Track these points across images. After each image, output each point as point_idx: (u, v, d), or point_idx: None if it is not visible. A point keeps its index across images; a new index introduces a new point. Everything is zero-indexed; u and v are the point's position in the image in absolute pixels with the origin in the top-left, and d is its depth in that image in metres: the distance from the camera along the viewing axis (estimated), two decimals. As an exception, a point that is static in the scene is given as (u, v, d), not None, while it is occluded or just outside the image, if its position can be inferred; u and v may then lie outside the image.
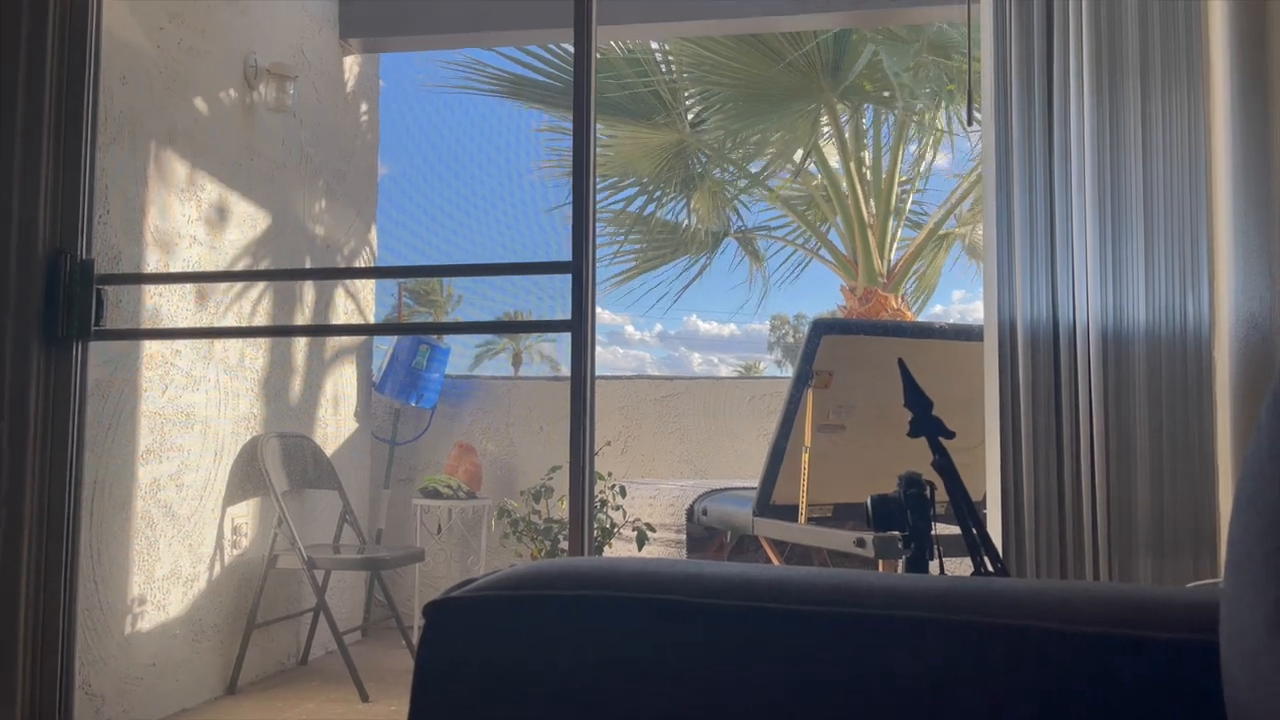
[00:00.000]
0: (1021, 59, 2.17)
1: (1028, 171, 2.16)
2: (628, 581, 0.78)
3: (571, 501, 2.17)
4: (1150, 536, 1.96)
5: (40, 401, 2.25)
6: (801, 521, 2.83)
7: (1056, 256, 2.14)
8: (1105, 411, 2.01)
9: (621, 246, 5.69)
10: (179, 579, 3.11)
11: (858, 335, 2.97)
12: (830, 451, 2.83)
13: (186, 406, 3.14)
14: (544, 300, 3.84)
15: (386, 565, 3.76)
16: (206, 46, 3.23)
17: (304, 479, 3.69)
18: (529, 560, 3.77)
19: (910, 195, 5.73)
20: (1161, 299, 2.04)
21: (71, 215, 2.31)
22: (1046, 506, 2.03)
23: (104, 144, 2.71)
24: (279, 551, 3.46)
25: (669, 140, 5.38)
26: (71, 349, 2.29)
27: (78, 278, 2.30)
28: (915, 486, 1.69)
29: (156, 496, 3.00)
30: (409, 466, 4.48)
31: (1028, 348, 2.10)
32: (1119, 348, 2.04)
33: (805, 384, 2.79)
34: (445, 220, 8.31)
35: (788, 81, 4.96)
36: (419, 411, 4.46)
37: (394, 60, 4.74)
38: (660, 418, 4.51)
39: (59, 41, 2.31)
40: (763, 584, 0.79)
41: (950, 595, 0.79)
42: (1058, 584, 0.83)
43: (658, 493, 3.56)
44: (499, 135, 4.92)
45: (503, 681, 0.77)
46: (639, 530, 3.45)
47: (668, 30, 4.51)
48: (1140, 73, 2.10)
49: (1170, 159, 2.09)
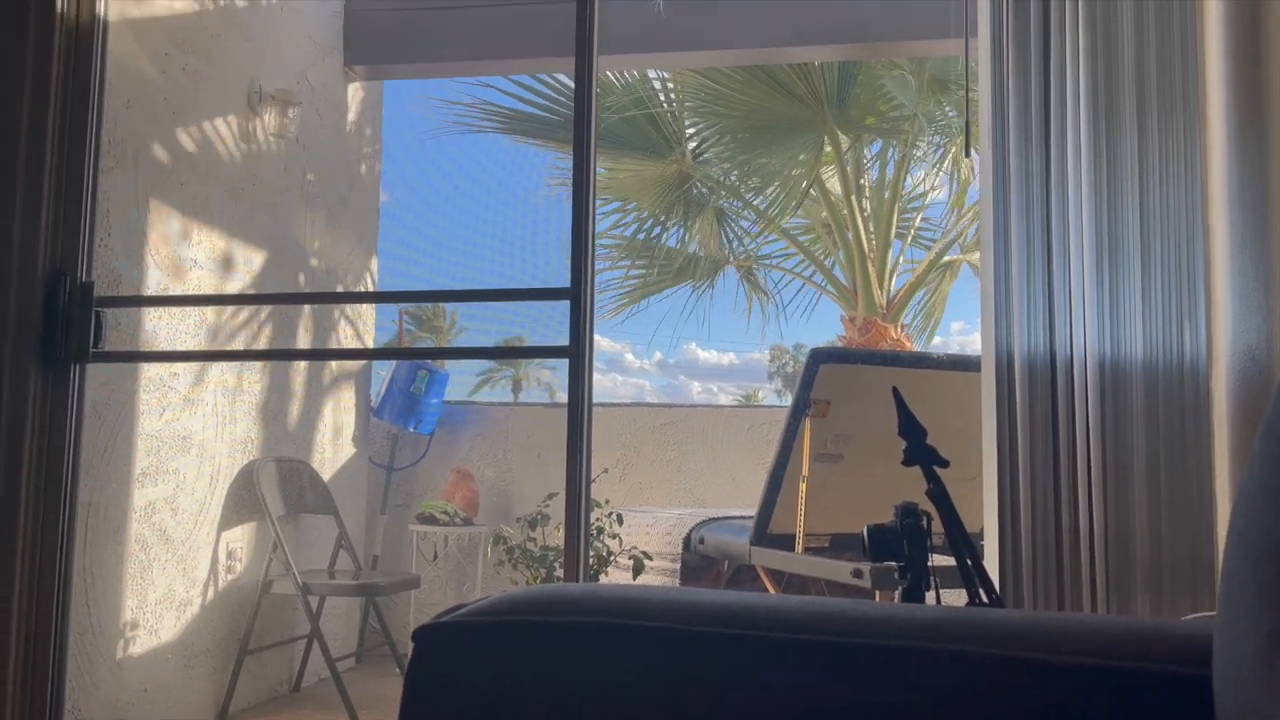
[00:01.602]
0: (1018, 92, 2.19)
1: (1025, 203, 2.17)
2: (618, 608, 0.78)
3: (567, 529, 2.16)
4: (1148, 569, 1.95)
5: (36, 423, 2.25)
6: (799, 551, 2.81)
7: (1054, 288, 2.15)
8: (1103, 443, 2.01)
9: (628, 272, 5.70)
10: (172, 603, 3.08)
11: (856, 364, 2.96)
12: (828, 481, 2.82)
13: (183, 429, 3.13)
14: (543, 327, 3.86)
15: (381, 591, 3.74)
16: (211, 72, 3.26)
17: (300, 504, 3.68)
18: (525, 588, 3.74)
19: (912, 226, 5.75)
20: (1159, 330, 2.05)
21: (72, 238, 2.32)
22: (1044, 538, 2.02)
23: (107, 167, 2.72)
24: (273, 577, 3.44)
25: (670, 172, 5.41)
26: (69, 371, 2.29)
27: (77, 300, 2.30)
28: (912, 516, 1.68)
29: (151, 520, 2.99)
30: (406, 492, 4.47)
31: (1025, 379, 2.10)
32: (1116, 379, 2.04)
33: (803, 413, 2.78)
34: (447, 247, 8.35)
35: (791, 112, 4.99)
36: (417, 437, 4.45)
37: (397, 87, 4.77)
38: (658, 445, 4.49)
39: (64, 66, 2.33)
40: (754, 612, 0.79)
41: (943, 625, 0.78)
42: (1051, 615, 0.82)
43: (655, 521, 3.55)
44: (500, 163, 4.97)
45: (492, 706, 0.76)
46: (635, 558, 3.43)
47: (669, 60, 4.55)
48: (1136, 105, 2.12)
49: (1167, 191, 2.10)
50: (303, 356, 4.04)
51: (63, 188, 2.32)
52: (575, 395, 2.17)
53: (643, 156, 5.35)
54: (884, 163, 5.57)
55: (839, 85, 4.93)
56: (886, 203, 5.45)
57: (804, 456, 2.79)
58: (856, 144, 5.42)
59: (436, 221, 8.08)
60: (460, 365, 10.85)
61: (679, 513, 3.66)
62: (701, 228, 5.69)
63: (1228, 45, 2.05)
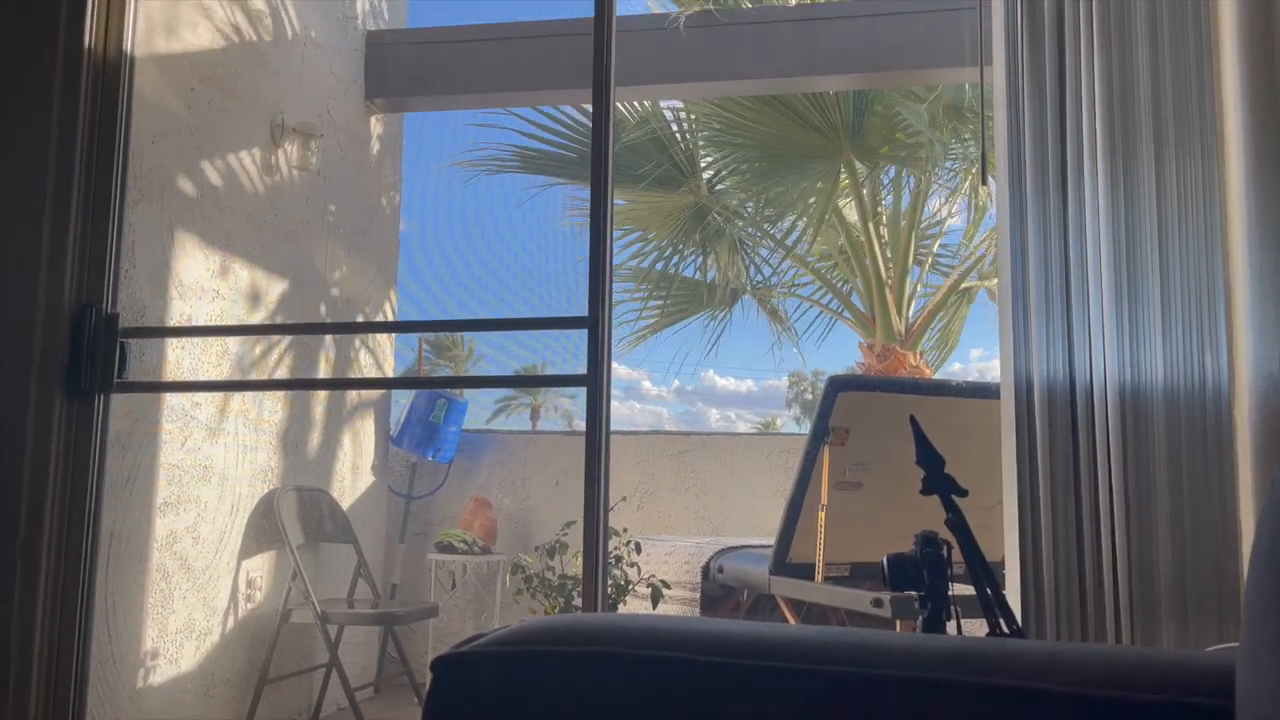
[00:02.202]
0: (1034, 118, 2.19)
1: (1042, 230, 2.17)
2: (635, 638, 0.78)
3: (585, 557, 2.16)
4: (1173, 599, 1.93)
5: (61, 453, 2.28)
6: (818, 580, 2.80)
7: (1073, 315, 2.14)
8: (1124, 471, 1.99)
9: (646, 303, 5.72)
10: (192, 632, 3.09)
11: (874, 392, 2.96)
12: (847, 509, 2.81)
13: (205, 459, 3.15)
14: (562, 355, 3.88)
15: (400, 621, 3.74)
16: (235, 106, 3.31)
17: (320, 532, 3.69)
18: (543, 616, 3.73)
19: (929, 253, 5.75)
20: (1179, 358, 2.03)
21: (98, 270, 2.35)
22: (1065, 567, 2.00)
23: (133, 200, 2.76)
24: (293, 606, 3.45)
25: (686, 202, 5.43)
26: (94, 401, 2.32)
27: (102, 330, 2.33)
28: (932, 545, 1.67)
29: (173, 549, 3.01)
30: (425, 520, 4.47)
31: (1045, 406, 2.09)
32: (1137, 406, 2.03)
33: (821, 441, 2.78)
34: (465, 276, 8.42)
35: (808, 141, 5.02)
36: (436, 466, 4.46)
37: (417, 120, 4.84)
38: (676, 473, 4.49)
39: (91, 102, 2.38)
40: (773, 643, 0.78)
41: (961, 656, 0.78)
42: (1071, 646, 0.82)
43: (673, 549, 3.54)
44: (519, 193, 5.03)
45: (508, 739, 0.76)
46: (654, 587, 3.42)
47: (685, 91, 4.59)
48: (1153, 130, 2.12)
49: (1185, 216, 2.10)
50: (323, 386, 4.07)
51: (89, 221, 2.36)
52: (593, 423, 2.17)
53: (659, 188, 5.38)
54: (898, 191, 5.57)
55: (855, 113, 4.95)
56: (903, 230, 5.45)
57: (823, 485, 2.78)
58: (873, 172, 5.43)
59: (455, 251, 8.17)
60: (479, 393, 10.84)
61: (697, 541, 3.65)
62: (719, 256, 5.70)
63: (1244, 71, 2.05)
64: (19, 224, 2.31)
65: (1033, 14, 2.18)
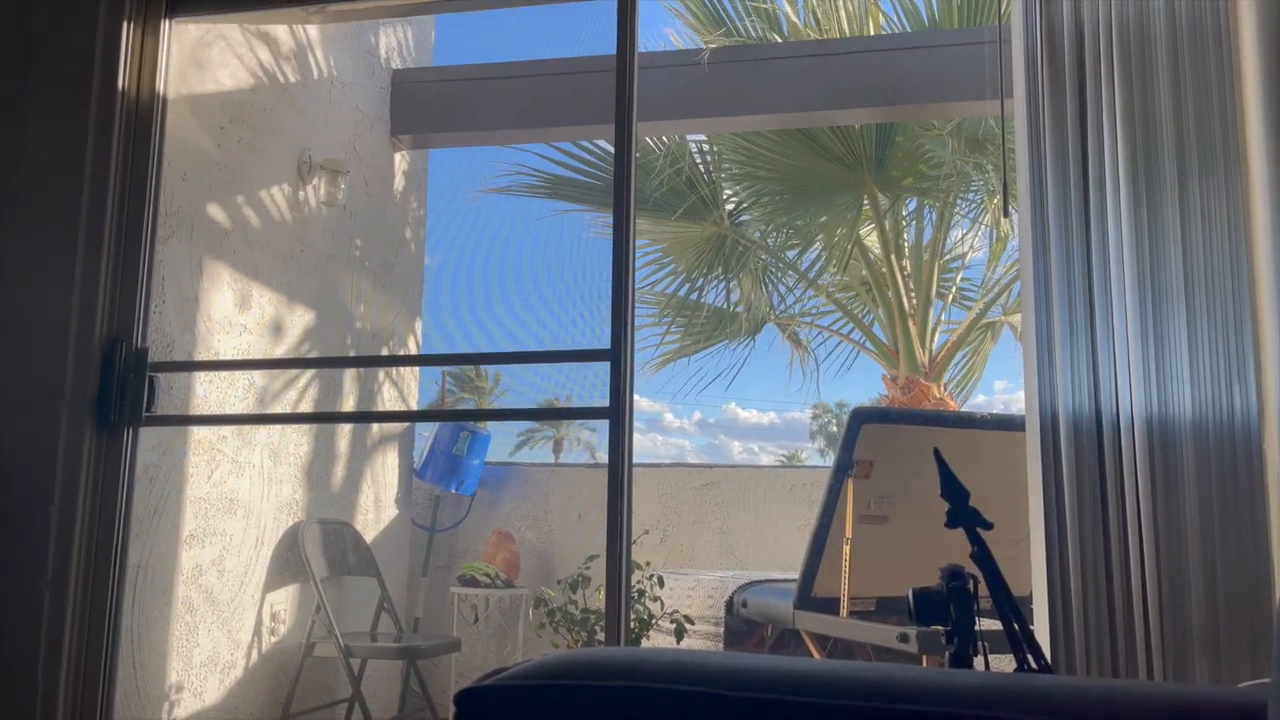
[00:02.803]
0: (1056, 150, 2.19)
1: (1066, 262, 2.16)
2: (658, 673, 0.77)
3: (608, 591, 2.15)
4: (1205, 634, 1.89)
5: (90, 486, 2.30)
6: (843, 615, 2.77)
7: (1098, 347, 2.13)
8: (1154, 504, 1.97)
9: (667, 332, 5.73)
10: (216, 666, 3.10)
11: (898, 424, 2.94)
12: (872, 543, 2.79)
13: (231, 492, 3.18)
14: (584, 387, 3.88)
15: (423, 655, 3.73)
16: (263, 144, 3.37)
17: (343, 566, 3.70)
18: (565, 651, 3.71)
19: (953, 285, 5.73)
20: (1207, 390, 2.01)
21: (129, 305, 2.39)
22: (1095, 602, 1.97)
23: (163, 237, 2.81)
24: (316, 639, 3.45)
25: (709, 233, 5.46)
26: (123, 434, 2.35)
27: (132, 365, 2.37)
28: (958, 580, 1.66)
29: (198, 581, 3.02)
30: (448, 554, 4.47)
31: (1071, 439, 2.07)
32: (1165, 439, 2.00)
33: (845, 474, 2.76)
34: (489, 308, 8.49)
35: (830, 174, 5.04)
36: (459, 498, 4.47)
37: (442, 155, 4.90)
38: (699, 506, 4.47)
39: (125, 142, 2.43)
40: (796, 677, 0.78)
41: (990, 692, 0.77)
42: (1101, 682, 0.81)
43: (696, 583, 3.52)
44: (542, 227, 5.07)
45: (531, 774, 0.76)
46: (677, 622, 3.39)
47: (708, 125, 4.62)
48: (1176, 161, 2.11)
49: (1210, 248, 2.09)
50: (347, 419, 4.09)
51: (121, 257, 2.40)
52: (615, 456, 2.18)
53: (683, 219, 5.41)
54: (920, 222, 5.57)
55: (877, 145, 4.97)
56: (926, 262, 5.44)
57: (847, 518, 2.76)
58: (896, 204, 5.44)
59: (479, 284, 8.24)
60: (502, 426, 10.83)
61: (721, 575, 3.62)
62: (741, 286, 5.71)
63: (1267, 101, 2.04)
64: (53, 260, 2.35)
65: (1053, 45, 2.19)
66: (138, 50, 2.47)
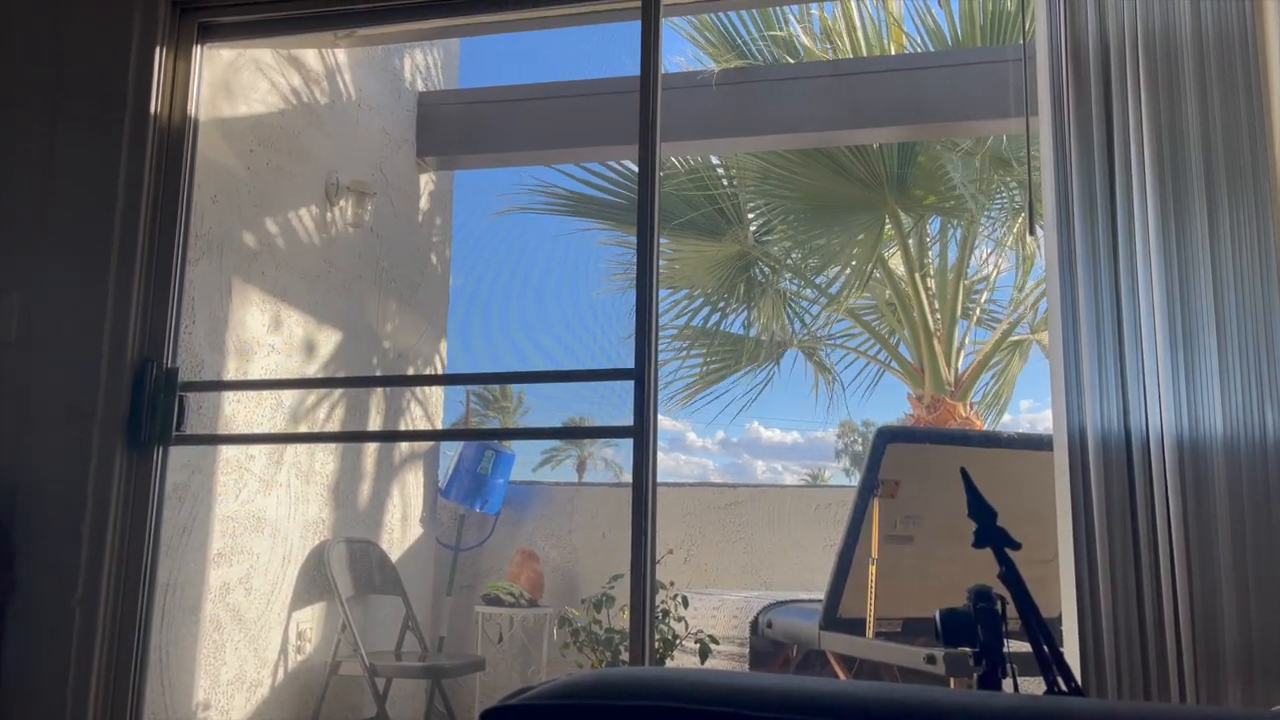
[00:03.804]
0: (1082, 167, 2.18)
1: (1093, 281, 2.15)
2: (684, 692, 0.77)
3: (632, 611, 2.14)
4: (1239, 657, 1.86)
5: (121, 504, 2.33)
6: (869, 636, 2.75)
7: (1126, 366, 2.11)
8: (1185, 525, 1.94)
9: (684, 361, 5.73)
10: (243, 684, 3.12)
11: (924, 444, 2.92)
12: (899, 563, 2.76)
13: (258, 510, 3.20)
14: (608, 406, 3.89)
15: (447, 674, 3.73)
16: (291, 166, 3.42)
17: (369, 584, 3.71)
18: (589, 670, 3.70)
19: (979, 304, 5.70)
20: (1239, 409, 1.99)
21: (160, 326, 2.42)
22: (1126, 625, 1.94)
23: (193, 258, 2.85)
24: (341, 658, 3.46)
25: (732, 253, 5.46)
26: (153, 453, 2.37)
27: (162, 385, 2.40)
28: (986, 600, 1.64)
29: (225, 600, 3.04)
30: (472, 573, 4.48)
31: (1100, 459, 2.05)
32: (1196, 459, 1.98)
33: (871, 494, 2.74)
34: (514, 328, 8.54)
35: (852, 193, 5.03)
36: (483, 517, 4.48)
37: (468, 177, 4.94)
38: (724, 526, 4.45)
39: (156, 165, 2.47)
40: (823, 698, 0.78)
41: (1019, 715, 0.76)
42: (1133, 706, 0.80)
43: (721, 603, 3.50)
44: (566, 247, 5.08)
45: (557, 794, 0.76)
46: (701, 642, 3.37)
47: (729, 146, 4.64)
48: (1204, 176, 2.09)
49: (1240, 263, 2.06)
50: (373, 438, 4.12)
51: (152, 278, 2.44)
52: (639, 475, 2.18)
53: (705, 237, 5.42)
54: (945, 241, 5.55)
55: (899, 165, 4.97)
56: (950, 281, 5.42)
57: (873, 538, 2.74)
58: (919, 223, 5.42)
59: (504, 304, 8.31)
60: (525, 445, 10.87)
61: (746, 595, 3.60)
62: (764, 310, 5.71)
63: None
64: (86, 281, 2.39)
65: (1078, 62, 2.19)
66: (170, 75, 2.51)
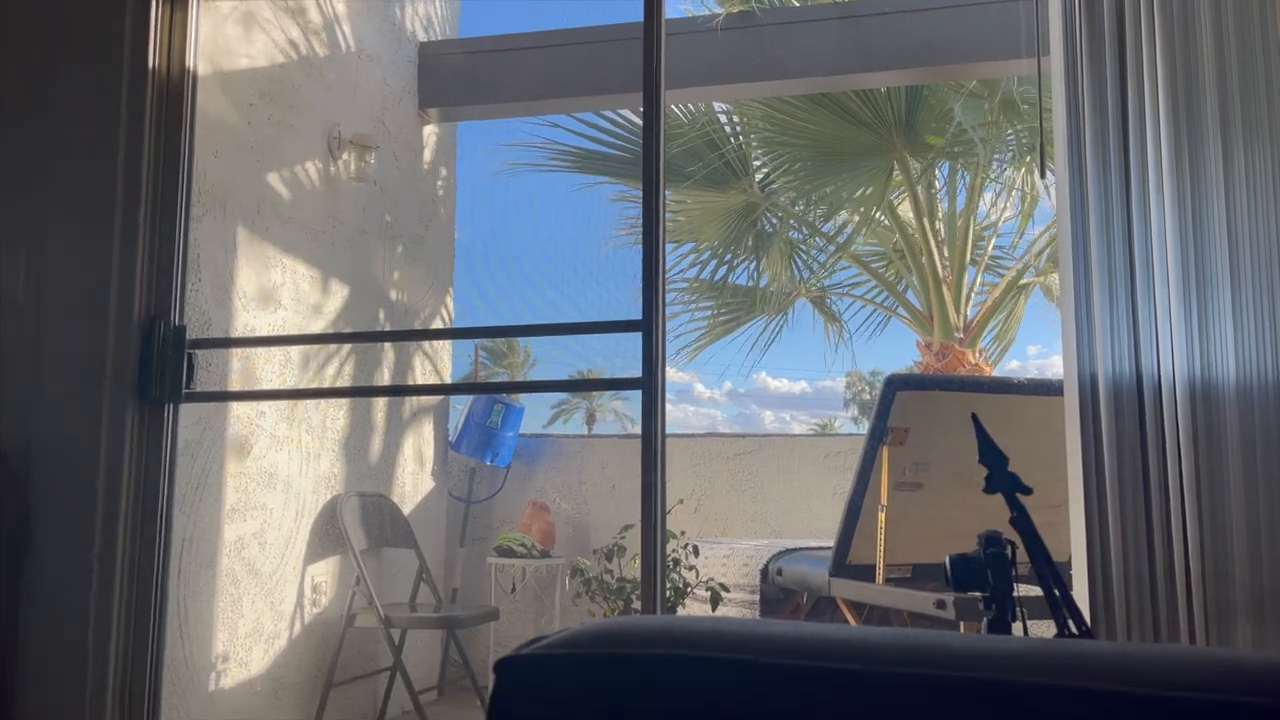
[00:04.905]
0: (1094, 108, 2.14)
1: (1105, 223, 2.12)
2: (697, 640, 0.78)
3: (644, 561, 2.16)
4: (1249, 600, 1.87)
5: (134, 462, 2.34)
6: (879, 582, 2.77)
7: (1138, 309, 2.09)
8: (1196, 469, 1.94)
9: (693, 315, 5.71)
10: (261, 636, 3.16)
11: (933, 391, 2.92)
12: (908, 510, 2.77)
13: (270, 466, 3.22)
14: (616, 358, 3.89)
15: (462, 624, 3.78)
16: (293, 120, 3.38)
17: (382, 538, 3.75)
18: (603, 619, 3.74)
19: (987, 248, 5.66)
20: (1252, 352, 1.97)
21: (166, 284, 2.42)
22: (1136, 569, 1.95)
23: (197, 215, 2.84)
24: (357, 610, 3.50)
25: (738, 203, 5.42)
26: (164, 411, 2.38)
27: (170, 343, 2.40)
28: (995, 546, 1.65)
29: (241, 554, 3.07)
30: (484, 525, 4.52)
31: (1111, 403, 2.04)
32: (1208, 403, 1.97)
33: (880, 441, 2.75)
34: (521, 280, 8.52)
35: (859, 139, 4.97)
36: (494, 470, 4.50)
37: (470, 128, 4.89)
38: (733, 476, 4.47)
39: (156, 119, 2.45)
40: (835, 644, 0.78)
41: (1031, 657, 0.76)
42: (1145, 647, 0.80)
43: (731, 552, 3.53)
44: (571, 198, 5.01)
45: (572, 741, 0.76)
46: (712, 590, 3.41)
47: (735, 92, 4.57)
48: (1219, 115, 2.06)
49: (1255, 204, 2.04)
50: (382, 393, 4.13)
51: (157, 236, 2.43)
52: (649, 427, 2.18)
53: (710, 188, 5.37)
54: (953, 186, 5.49)
55: (907, 109, 4.89)
56: (960, 226, 5.37)
57: (883, 485, 2.75)
58: (928, 168, 5.36)
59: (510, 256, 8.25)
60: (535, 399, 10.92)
61: (756, 544, 3.63)
62: (771, 260, 5.67)
63: (1315, 54, 1.99)
64: (91, 241, 2.38)
65: (1090, 1, 2.14)
66: (167, 28, 2.48)
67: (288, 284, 3.34)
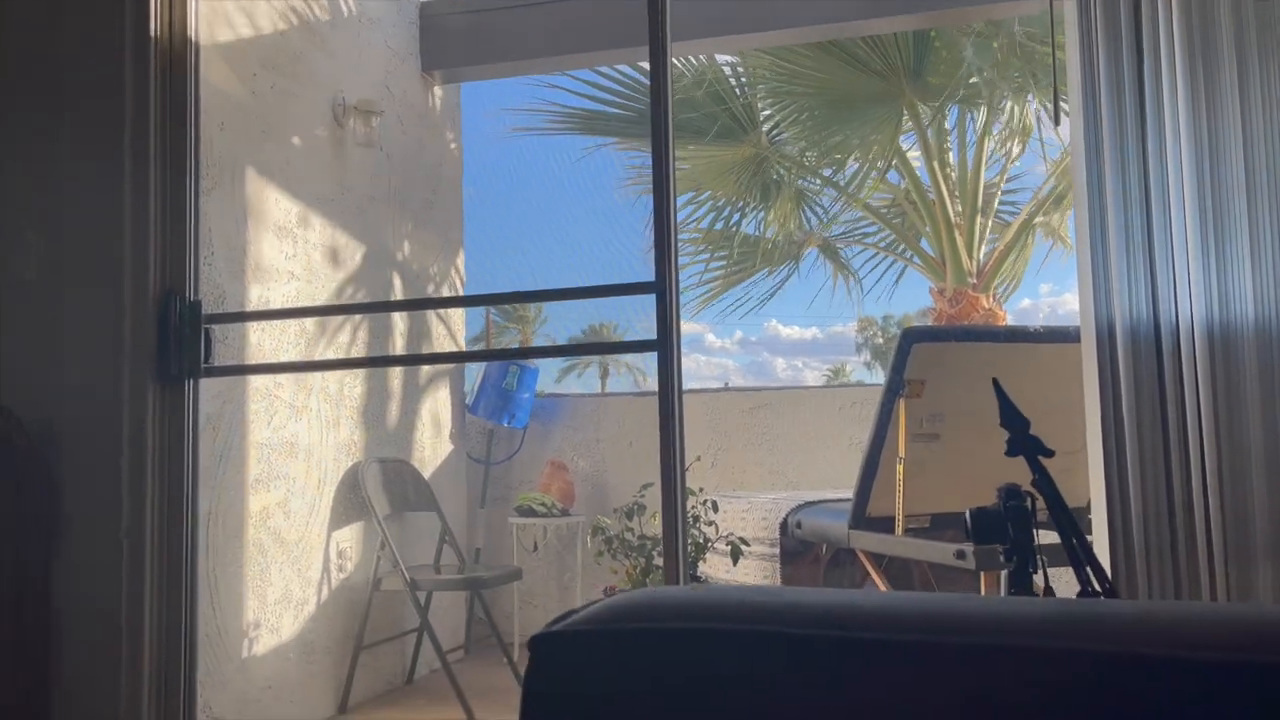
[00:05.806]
0: (1108, 44, 2.11)
1: (1120, 164, 2.10)
2: (726, 613, 0.79)
3: (665, 521, 2.18)
4: (1270, 546, 1.88)
5: (157, 438, 2.37)
6: (899, 533, 2.79)
7: (1155, 252, 2.07)
8: (1215, 414, 1.93)
9: (707, 266, 5.68)
10: (290, 603, 3.22)
11: (949, 342, 2.91)
12: (926, 461, 2.78)
13: (290, 436, 3.25)
14: (629, 312, 3.88)
15: (486, 585, 3.83)
16: (297, 89, 3.36)
17: (404, 502, 3.79)
18: (625, 577, 3.79)
19: (997, 192, 5.60)
20: (1271, 294, 1.96)
21: (179, 259, 2.43)
22: (1155, 517, 1.96)
23: (206, 188, 2.83)
24: (382, 574, 3.56)
25: (746, 155, 5.36)
26: (184, 386, 2.40)
27: (187, 318, 2.41)
28: (1015, 499, 1.65)
29: (266, 524, 3.12)
30: (504, 486, 4.56)
31: (1128, 349, 2.04)
32: (1227, 346, 1.96)
33: (897, 394, 2.75)
34: (531, 240, 8.50)
35: (869, 86, 4.90)
36: (511, 432, 4.53)
37: (474, 89, 4.84)
38: (749, 430, 4.49)
39: (161, 92, 2.43)
40: (866, 613, 0.79)
41: (1055, 621, 0.77)
42: (1168, 605, 0.81)
43: (750, 506, 3.55)
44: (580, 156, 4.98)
45: (608, 713, 0.78)
46: (733, 544, 3.44)
47: (741, 42, 4.50)
48: (1235, 50, 2.02)
49: (1273, 144, 2.01)
50: (397, 362, 4.14)
51: (167, 210, 2.43)
52: (665, 387, 2.18)
53: (718, 142, 5.32)
54: (963, 130, 5.42)
55: (915, 54, 4.82)
56: (970, 171, 5.31)
57: (900, 437, 2.76)
58: (938, 114, 5.29)
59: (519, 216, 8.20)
60: (548, 356, 10.84)
61: (774, 497, 3.65)
62: (780, 210, 5.63)
63: (1335, -12, 1.94)
64: (101, 217, 2.39)
65: (1104, -59, 2.09)
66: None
67: (299, 254, 3.34)
